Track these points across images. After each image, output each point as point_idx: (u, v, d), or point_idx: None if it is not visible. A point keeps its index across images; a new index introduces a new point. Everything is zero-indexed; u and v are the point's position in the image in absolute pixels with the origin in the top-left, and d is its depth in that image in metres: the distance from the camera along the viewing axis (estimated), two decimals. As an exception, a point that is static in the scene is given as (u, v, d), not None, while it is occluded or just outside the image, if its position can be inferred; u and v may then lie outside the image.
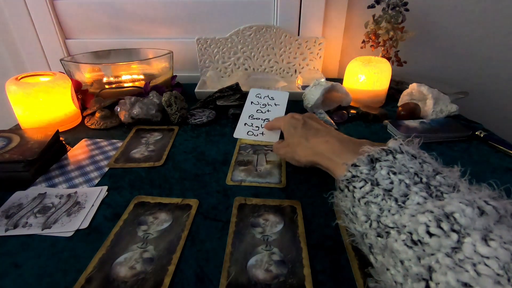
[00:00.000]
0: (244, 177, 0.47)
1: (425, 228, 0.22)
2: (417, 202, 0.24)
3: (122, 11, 0.89)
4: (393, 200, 0.25)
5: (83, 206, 0.41)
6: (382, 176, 0.27)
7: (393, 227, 0.24)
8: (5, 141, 0.49)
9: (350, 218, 0.30)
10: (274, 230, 0.37)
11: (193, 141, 0.58)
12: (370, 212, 0.26)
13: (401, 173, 0.26)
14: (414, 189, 0.25)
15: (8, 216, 0.39)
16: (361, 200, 0.27)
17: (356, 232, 0.29)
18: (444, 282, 0.19)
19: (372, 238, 0.26)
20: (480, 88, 0.97)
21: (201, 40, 0.85)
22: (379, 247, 0.25)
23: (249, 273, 0.31)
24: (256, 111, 0.63)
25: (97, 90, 0.71)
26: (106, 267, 0.32)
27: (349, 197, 0.29)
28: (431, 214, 0.22)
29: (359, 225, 0.28)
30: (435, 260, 0.20)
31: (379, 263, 0.26)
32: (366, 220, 0.27)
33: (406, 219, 0.23)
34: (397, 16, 0.76)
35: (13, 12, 0.86)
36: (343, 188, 0.30)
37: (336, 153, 0.35)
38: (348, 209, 0.30)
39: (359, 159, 0.29)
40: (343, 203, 0.31)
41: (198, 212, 0.40)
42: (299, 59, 0.90)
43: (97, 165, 0.50)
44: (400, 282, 0.23)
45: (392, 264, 0.23)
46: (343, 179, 0.30)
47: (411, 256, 0.22)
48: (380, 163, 0.28)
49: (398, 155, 0.28)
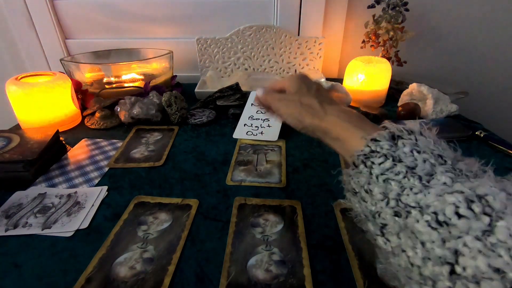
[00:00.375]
0: (244, 177, 0.47)
1: (453, 209, 0.20)
2: (443, 182, 0.22)
3: (122, 11, 0.89)
4: (416, 179, 0.24)
5: (83, 206, 0.41)
6: (405, 153, 0.25)
7: (415, 207, 0.22)
8: (5, 141, 0.49)
9: (362, 196, 0.28)
10: (274, 230, 0.37)
11: (193, 141, 0.58)
12: (389, 190, 0.25)
13: (426, 152, 0.25)
14: (440, 169, 0.24)
15: (8, 216, 0.39)
16: (379, 177, 0.26)
17: (367, 211, 0.27)
18: (473, 267, 0.18)
19: (388, 217, 0.24)
20: (480, 88, 0.97)
21: (201, 40, 0.85)
22: (395, 227, 0.24)
23: (249, 273, 0.31)
24: (256, 112, 0.63)
25: (97, 90, 0.71)
26: (106, 267, 0.32)
27: (365, 174, 0.27)
28: (461, 195, 0.21)
29: (372, 204, 0.26)
30: (462, 243, 0.19)
31: (393, 244, 0.24)
32: (382, 198, 0.25)
33: (431, 199, 0.22)
34: (397, 16, 0.76)
35: (13, 12, 0.86)
36: (358, 163, 0.28)
37: (353, 123, 0.32)
38: (360, 187, 0.28)
39: (380, 134, 0.27)
40: (355, 180, 0.28)
41: (198, 212, 0.40)
42: (299, 59, 0.90)
43: (97, 165, 0.50)
44: (418, 265, 0.21)
45: (410, 245, 0.22)
46: (360, 154, 0.28)
47: (435, 238, 0.21)
48: (402, 140, 0.26)
49: (419, 136, 0.27)
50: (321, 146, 0.56)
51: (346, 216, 0.39)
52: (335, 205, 0.41)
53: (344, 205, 0.41)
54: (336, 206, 0.41)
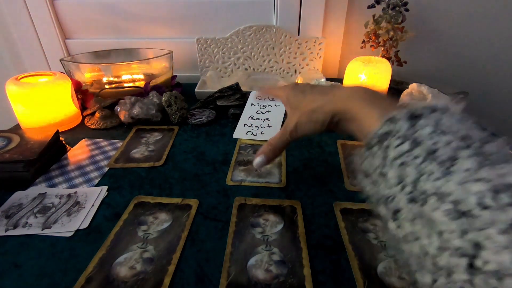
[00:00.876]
0: (244, 177, 0.47)
1: (477, 199, 0.18)
2: (467, 168, 0.20)
3: (122, 11, 0.89)
4: (437, 164, 0.21)
5: (83, 206, 0.41)
6: (425, 135, 0.22)
7: (433, 194, 0.20)
8: (5, 141, 0.49)
9: (375, 179, 0.25)
10: (274, 230, 0.37)
11: (193, 141, 0.58)
12: (405, 175, 0.23)
13: (449, 134, 0.22)
14: (464, 152, 0.21)
15: (8, 216, 0.39)
16: (395, 161, 0.23)
17: (379, 195, 0.25)
18: (496, 262, 0.17)
19: (402, 203, 0.22)
20: (480, 88, 0.97)
21: (201, 40, 0.85)
22: (409, 213, 0.22)
23: (249, 273, 0.31)
24: (256, 112, 0.63)
25: (97, 90, 0.71)
26: (106, 267, 0.32)
27: (379, 156, 0.25)
28: (487, 184, 0.19)
29: (386, 188, 0.24)
30: (485, 236, 0.18)
31: (407, 231, 0.22)
32: (397, 183, 0.23)
33: (452, 187, 0.20)
34: (397, 16, 0.76)
35: (13, 12, 0.86)
36: (373, 144, 0.26)
37: (367, 101, 0.29)
38: (373, 169, 0.25)
39: (398, 113, 0.24)
40: (368, 161, 0.26)
41: (198, 212, 0.40)
42: (299, 59, 0.90)
43: (97, 165, 0.50)
44: (433, 254, 0.20)
45: (426, 233, 0.20)
46: (375, 134, 0.25)
47: (454, 229, 0.19)
48: (424, 120, 0.23)
49: (444, 114, 0.24)
50: (321, 146, 0.56)
51: (346, 216, 0.39)
52: (335, 205, 0.41)
53: (344, 205, 0.41)
54: (336, 206, 0.41)
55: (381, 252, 0.34)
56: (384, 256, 0.34)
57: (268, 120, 0.61)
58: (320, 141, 0.57)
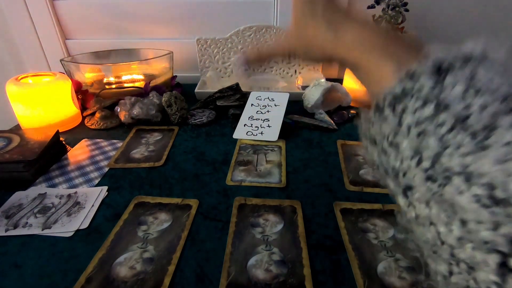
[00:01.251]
0: (244, 177, 0.47)
1: None
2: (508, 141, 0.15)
3: (122, 11, 0.89)
4: (468, 134, 0.16)
5: (83, 206, 0.41)
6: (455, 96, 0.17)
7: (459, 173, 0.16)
8: (5, 141, 0.49)
9: (383, 148, 0.20)
10: (274, 230, 0.37)
11: (193, 141, 0.58)
12: (424, 147, 0.18)
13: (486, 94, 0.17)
14: (505, 120, 0.16)
15: (8, 216, 0.39)
16: (412, 129, 0.18)
17: (387, 166, 0.20)
18: None
19: (417, 180, 0.18)
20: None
21: (201, 40, 0.85)
22: (425, 193, 0.18)
23: (249, 273, 0.31)
24: (256, 112, 0.63)
25: (97, 91, 0.71)
26: (106, 267, 0.32)
27: (392, 121, 0.19)
28: None
29: (397, 160, 0.19)
30: None
31: (419, 212, 0.18)
32: (413, 156, 0.18)
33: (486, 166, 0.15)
34: (397, 16, 0.76)
35: (13, 12, 0.86)
36: (384, 106, 0.20)
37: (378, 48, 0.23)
38: (383, 137, 0.20)
39: (420, 65, 0.19)
40: (377, 127, 0.21)
41: (198, 212, 0.40)
42: (299, 59, 0.90)
43: (97, 165, 0.50)
44: (451, 244, 0.16)
45: (444, 220, 0.17)
46: (388, 94, 0.20)
47: (484, 219, 0.15)
48: (453, 75, 0.18)
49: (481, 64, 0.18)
50: (321, 146, 0.56)
51: (346, 216, 0.39)
52: (335, 205, 0.41)
53: (344, 205, 0.41)
54: (336, 206, 0.41)
55: (381, 252, 0.34)
56: (384, 256, 0.34)
57: (268, 120, 0.61)
58: (320, 141, 0.57)
